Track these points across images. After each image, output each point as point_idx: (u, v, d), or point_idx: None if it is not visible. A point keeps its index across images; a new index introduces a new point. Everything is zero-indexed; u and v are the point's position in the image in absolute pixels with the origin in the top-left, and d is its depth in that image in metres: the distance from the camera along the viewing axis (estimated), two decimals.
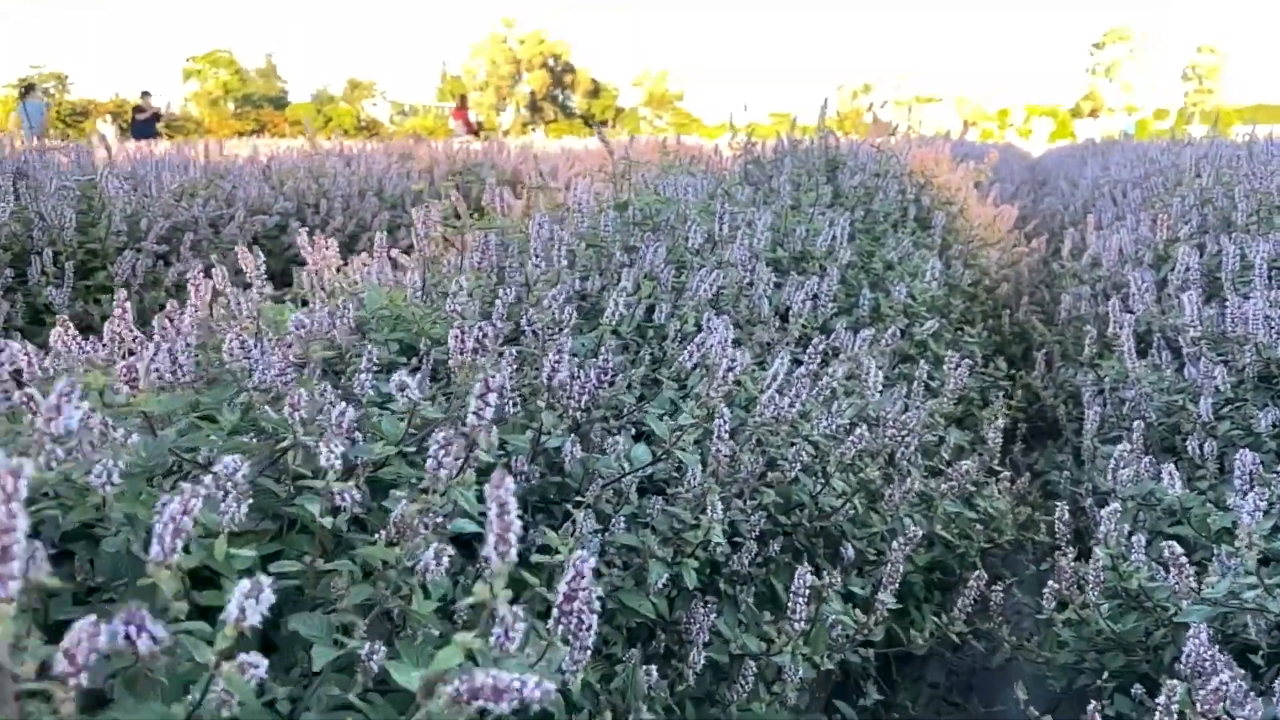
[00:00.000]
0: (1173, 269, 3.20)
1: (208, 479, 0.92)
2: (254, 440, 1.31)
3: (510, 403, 1.57)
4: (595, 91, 72.01)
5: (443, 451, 1.07)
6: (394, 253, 2.52)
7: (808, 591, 1.52)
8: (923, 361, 2.89)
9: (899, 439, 2.07)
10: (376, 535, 1.13)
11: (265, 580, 0.78)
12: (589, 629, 0.91)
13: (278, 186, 4.97)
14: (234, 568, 1.04)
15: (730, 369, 1.41)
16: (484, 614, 0.81)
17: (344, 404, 1.29)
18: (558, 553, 1.25)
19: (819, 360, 1.95)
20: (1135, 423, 2.32)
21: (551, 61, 71.02)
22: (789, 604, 1.56)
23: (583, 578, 0.84)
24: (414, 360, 1.93)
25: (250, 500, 1.08)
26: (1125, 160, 7.73)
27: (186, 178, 4.31)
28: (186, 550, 0.84)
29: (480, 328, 1.39)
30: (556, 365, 1.43)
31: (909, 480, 1.98)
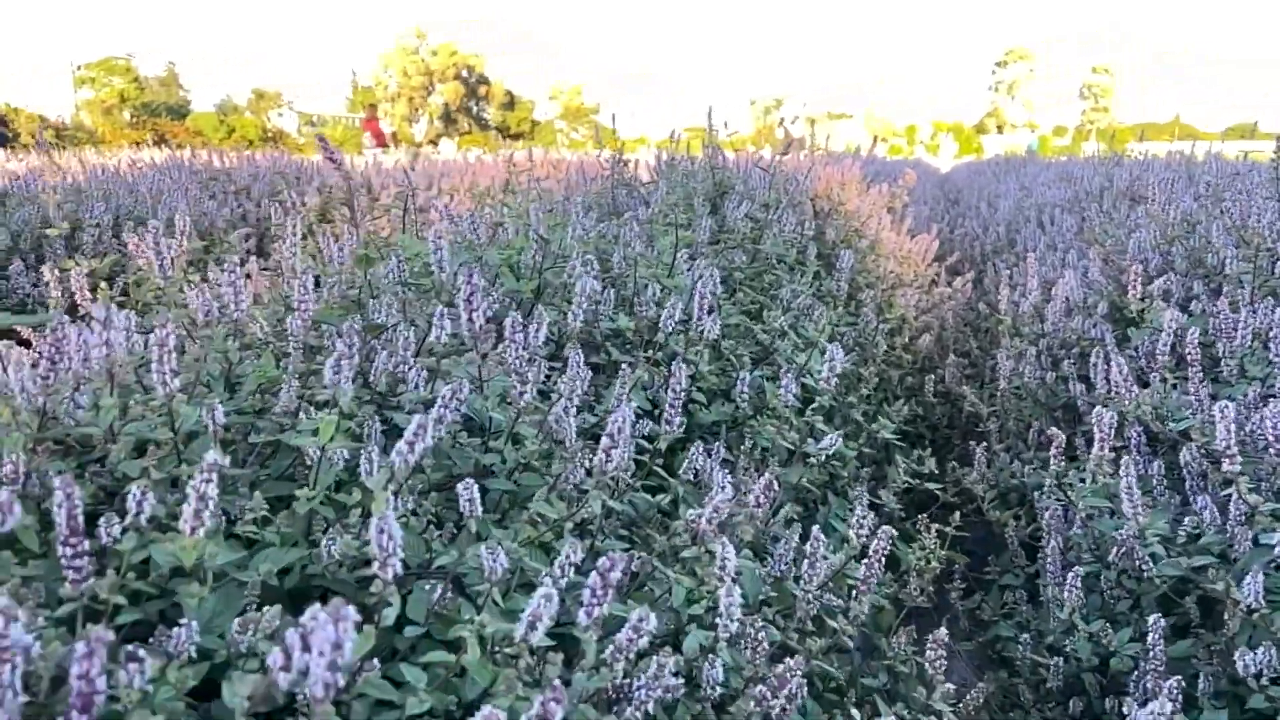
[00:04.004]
0: (1151, 336, 2.41)
1: None
2: None
3: None
4: (510, 104, 70.90)
5: None
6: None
7: None
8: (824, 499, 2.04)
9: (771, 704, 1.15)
10: None
11: None
12: None
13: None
14: None
15: None
16: None
17: None
18: None
19: (620, 573, 1.01)
20: (1153, 615, 1.46)
21: (465, 73, 69.66)
22: None
23: None
24: None
25: None
26: (1045, 179, 7.12)
27: None
28: None
29: None
30: None
31: None
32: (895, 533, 1.43)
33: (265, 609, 1.03)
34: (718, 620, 1.16)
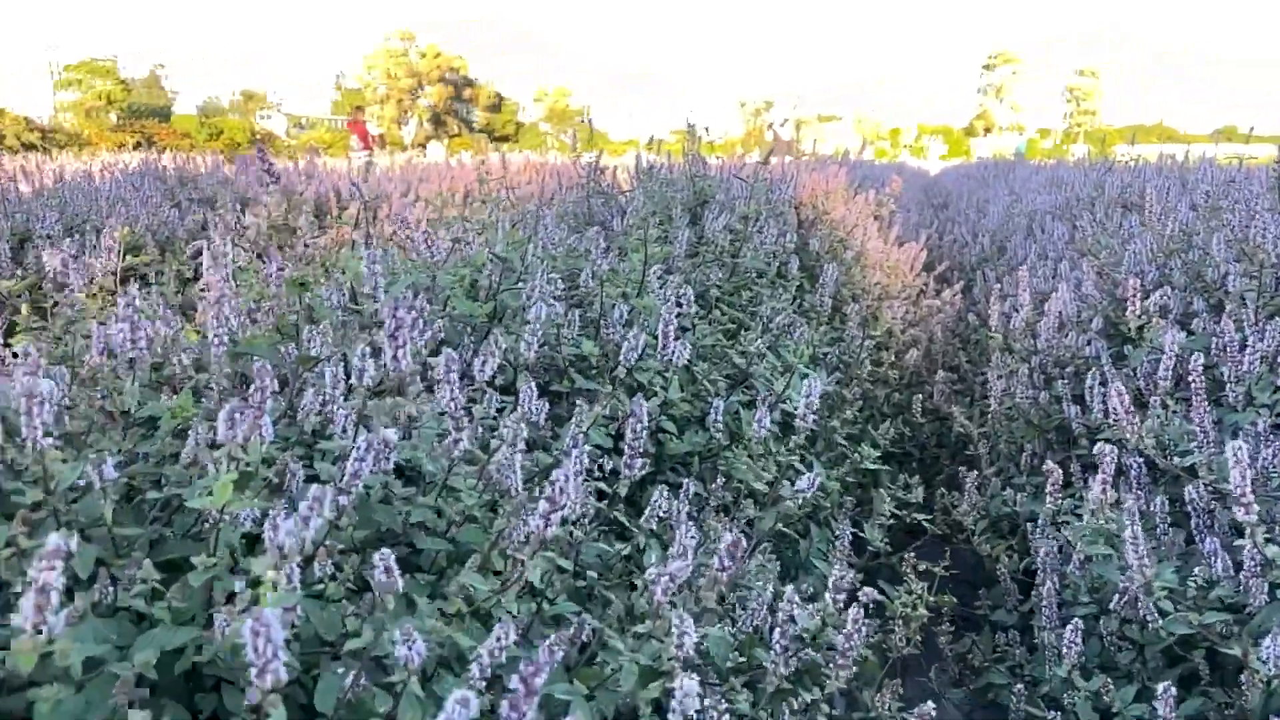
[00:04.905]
0: (1150, 357, 2.27)
1: None
2: None
3: None
4: (497, 106, 70.60)
5: None
6: None
7: None
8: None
9: None
10: None
11: None
12: None
13: None
14: None
15: None
16: None
17: None
18: None
19: (545, 677, 0.86)
20: (1162, 683, 1.31)
21: (451, 75, 69.32)
22: None
23: None
24: None
25: None
26: (1035, 184, 7.00)
27: None
28: None
29: None
30: None
31: None
32: (878, 595, 1.28)
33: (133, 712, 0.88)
34: (670, 717, 1.01)
